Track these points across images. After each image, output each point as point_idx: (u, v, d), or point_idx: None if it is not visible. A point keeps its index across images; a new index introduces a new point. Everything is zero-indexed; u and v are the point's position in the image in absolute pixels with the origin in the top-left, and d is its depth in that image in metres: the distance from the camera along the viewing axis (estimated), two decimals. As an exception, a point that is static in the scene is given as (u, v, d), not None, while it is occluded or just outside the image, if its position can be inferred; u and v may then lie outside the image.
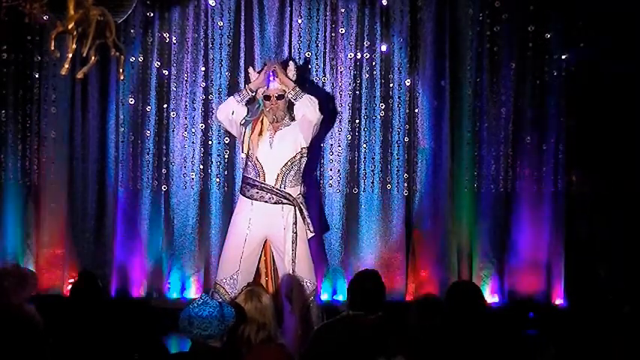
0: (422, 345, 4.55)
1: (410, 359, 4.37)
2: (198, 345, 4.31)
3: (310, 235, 6.55)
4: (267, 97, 6.53)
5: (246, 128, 6.59)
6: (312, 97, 6.50)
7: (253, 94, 6.58)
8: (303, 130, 6.50)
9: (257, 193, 6.49)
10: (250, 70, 6.84)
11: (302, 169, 6.60)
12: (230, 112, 6.57)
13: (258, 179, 6.49)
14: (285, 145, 6.50)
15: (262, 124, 6.58)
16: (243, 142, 6.61)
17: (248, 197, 6.53)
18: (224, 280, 6.52)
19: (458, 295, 4.80)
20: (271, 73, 6.51)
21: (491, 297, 7.67)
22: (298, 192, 6.54)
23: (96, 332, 5.01)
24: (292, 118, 6.58)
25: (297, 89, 6.49)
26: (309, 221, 6.50)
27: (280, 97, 6.51)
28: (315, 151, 7.46)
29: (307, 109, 6.45)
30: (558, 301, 7.73)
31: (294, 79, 6.63)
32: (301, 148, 6.54)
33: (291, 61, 6.86)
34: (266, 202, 6.46)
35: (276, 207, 6.47)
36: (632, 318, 5.18)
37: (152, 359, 5.04)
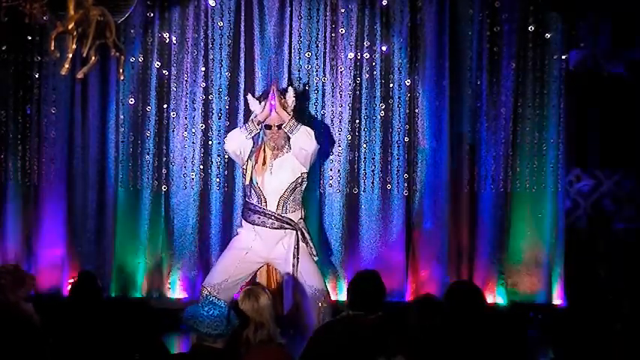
0: (422, 345, 4.54)
1: (410, 359, 4.36)
2: (198, 345, 4.32)
3: (315, 259, 6.60)
4: (268, 127, 6.58)
5: (249, 159, 6.62)
6: (308, 129, 6.53)
7: (260, 128, 6.59)
8: (300, 160, 6.56)
9: (259, 218, 6.55)
10: (249, 97, 6.86)
11: (302, 194, 6.67)
12: (239, 145, 6.58)
13: (260, 205, 6.54)
14: (284, 171, 6.57)
15: (265, 153, 6.61)
16: (245, 171, 6.64)
17: (250, 222, 6.59)
18: (209, 283, 6.55)
19: (458, 295, 4.80)
20: (272, 105, 6.55)
21: (491, 297, 7.66)
22: (299, 216, 6.61)
23: (96, 332, 5.00)
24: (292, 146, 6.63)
25: (293, 121, 6.50)
26: (311, 245, 6.57)
27: (281, 126, 6.55)
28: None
29: (304, 142, 6.48)
30: (558, 301, 7.72)
31: (292, 105, 6.67)
32: (301, 173, 6.61)
33: (290, 87, 6.93)
34: (268, 227, 6.52)
35: (278, 232, 6.53)
36: (632, 318, 5.17)
37: (152, 359, 5.04)
